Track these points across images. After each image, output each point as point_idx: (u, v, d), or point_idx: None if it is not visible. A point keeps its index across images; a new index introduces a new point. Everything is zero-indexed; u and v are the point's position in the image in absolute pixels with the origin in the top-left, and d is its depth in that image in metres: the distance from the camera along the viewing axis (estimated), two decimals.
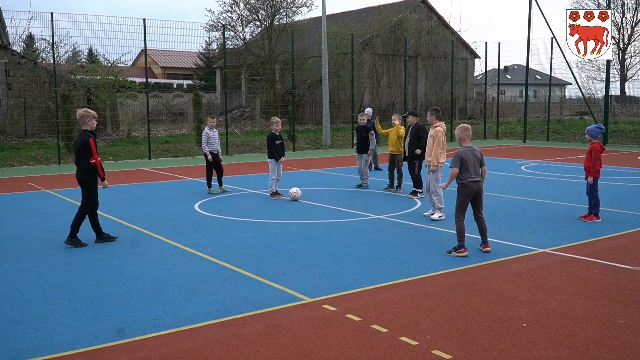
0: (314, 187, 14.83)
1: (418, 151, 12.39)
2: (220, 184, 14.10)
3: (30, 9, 56.10)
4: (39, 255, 8.45)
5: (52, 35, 22.78)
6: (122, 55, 30.22)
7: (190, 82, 53.55)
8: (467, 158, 8.23)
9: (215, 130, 14.20)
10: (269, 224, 10.41)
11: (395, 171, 13.96)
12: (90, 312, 6.09)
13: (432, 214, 10.76)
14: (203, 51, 51.67)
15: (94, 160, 8.79)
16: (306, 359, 4.95)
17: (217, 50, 46.61)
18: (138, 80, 34.38)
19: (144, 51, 24.24)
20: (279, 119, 13.82)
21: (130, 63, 41.05)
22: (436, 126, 10.93)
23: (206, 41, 47.09)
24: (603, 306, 6.17)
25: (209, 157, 13.83)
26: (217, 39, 43.59)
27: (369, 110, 17.94)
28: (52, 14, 21.40)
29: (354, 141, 16.22)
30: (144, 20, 22.56)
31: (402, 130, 13.70)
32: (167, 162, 21.70)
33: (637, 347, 5.16)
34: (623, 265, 7.65)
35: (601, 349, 5.10)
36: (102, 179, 9.03)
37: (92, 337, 5.42)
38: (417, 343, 5.24)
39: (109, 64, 30.45)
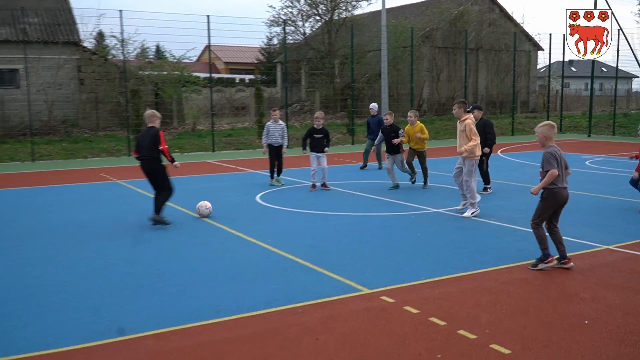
0: (372, 180, 14.79)
1: (487, 150, 12.14)
2: (277, 174, 14.22)
3: (99, 6, 57.77)
4: (106, 244, 8.74)
5: (122, 33, 23.47)
6: (188, 52, 31.07)
7: (252, 76, 54.17)
8: (559, 159, 7.02)
9: (278, 122, 14.25)
10: (328, 216, 10.46)
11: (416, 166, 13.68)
12: (155, 299, 6.27)
13: (464, 212, 10.36)
14: (264, 46, 52.12)
15: (161, 147, 9.58)
16: (364, 348, 4.97)
17: (278, 45, 46.93)
18: (202, 75, 34.97)
19: (208, 47, 24.69)
20: (321, 114, 13.87)
21: (195, 59, 41.90)
22: (465, 119, 10.32)
23: (267, 36, 47.66)
24: None
25: (264, 150, 14.01)
26: (278, 34, 43.92)
27: (374, 105, 17.06)
28: (120, 11, 22.00)
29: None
30: (208, 17, 22.93)
31: (421, 126, 13.22)
32: (230, 154, 22.05)
33: None
34: None
35: None
36: (173, 161, 9.92)
37: (158, 322, 5.57)
38: (475, 337, 5.18)
39: (175, 60, 31.15)
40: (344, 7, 38.94)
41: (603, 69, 60.89)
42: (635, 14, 68.73)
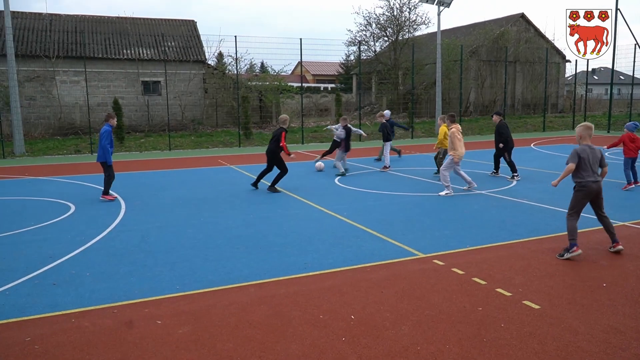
0: (428, 167, 14.48)
1: (501, 145, 12.19)
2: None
3: (220, 33, 59.10)
4: (225, 212, 9.00)
5: (236, 53, 23.96)
6: (284, 66, 31.22)
7: (333, 85, 54.01)
8: (585, 156, 6.16)
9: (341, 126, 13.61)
10: (392, 195, 10.34)
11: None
12: (260, 255, 6.41)
13: (441, 192, 10.32)
14: (343, 61, 51.82)
15: (281, 144, 10.77)
16: (419, 300, 4.89)
17: (354, 61, 46.54)
18: (295, 84, 35.26)
19: (300, 63, 24.78)
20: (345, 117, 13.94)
21: (289, 72, 42.27)
22: (451, 128, 10.62)
23: (346, 54, 47.23)
24: None
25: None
26: (354, 52, 43.52)
27: (387, 112, 15.52)
28: (235, 37, 22.43)
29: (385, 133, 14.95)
30: (300, 39, 23.03)
31: (445, 129, 12.05)
32: (316, 146, 22.14)
33: None
34: None
35: None
36: (289, 154, 11.19)
37: (262, 273, 5.71)
38: (510, 294, 4.99)
39: (275, 73, 31.51)
40: (407, 30, 38.08)
41: (621, 77, 56.84)
42: None
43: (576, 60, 29.85)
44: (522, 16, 41.58)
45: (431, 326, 4.33)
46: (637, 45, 26.93)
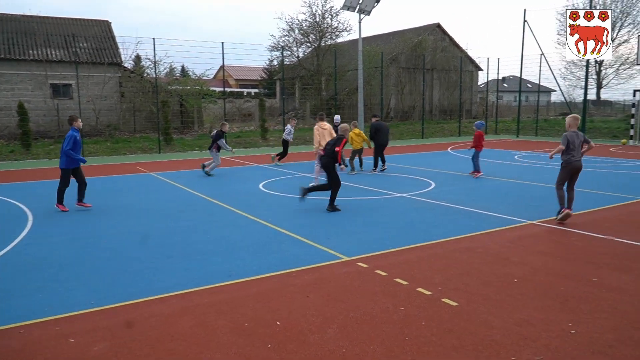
0: (353, 172, 14.77)
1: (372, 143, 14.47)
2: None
3: (137, 35, 57.06)
4: (145, 220, 8.67)
5: (154, 56, 23.22)
6: (206, 71, 30.71)
7: (256, 90, 53.78)
8: (572, 140, 8.04)
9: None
10: (316, 200, 10.43)
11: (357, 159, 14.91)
12: (183, 264, 6.23)
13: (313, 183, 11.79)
14: (266, 66, 51.78)
15: (337, 149, 9.32)
16: (344, 303, 4.97)
17: (277, 66, 46.63)
18: (217, 89, 34.76)
19: (222, 67, 24.44)
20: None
21: (211, 76, 41.57)
22: (325, 126, 12.18)
23: (269, 59, 47.22)
24: (579, 267, 6.00)
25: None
26: (277, 57, 43.59)
27: (337, 117, 16.69)
28: (154, 39, 21.73)
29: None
30: (222, 43, 22.75)
31: (357, 130, 14.61)
32: (239, 152, 21.92)
33: (607, 300, 5.01)
34: (596, 235, 7.42)
35: (577, 301, 4.97)
36: (341, 164, 9.46)
37: (184, 283, 5.55)
38: (430, 293, 5.20)
39: (196, 77, 30.87)
40: (329, 37, 38.75)
41: (528, 85, 60.99)
42: (554, 42, 68.95)
43: (487, 69, 31.75)
44: (438, 26, 43.67)
45: (356, 328, 4.41)
46: (542, 55, 29.22)
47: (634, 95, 23.79)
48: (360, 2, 26.28)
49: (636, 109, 23.25)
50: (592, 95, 46.92)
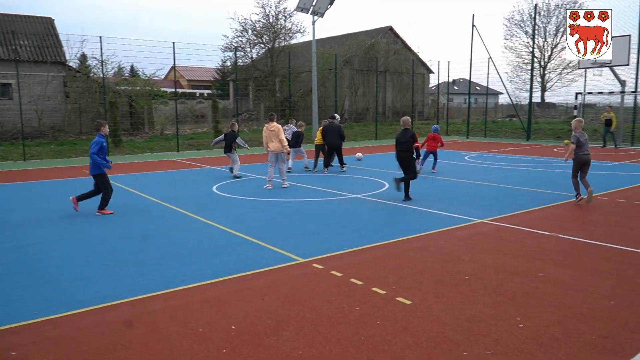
0: (306, 174, 14.82)
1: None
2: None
3: (83, 33, 55.07)
4: (96, 225, 8.41)
5: (101, 55, 22.56)
6: (157, 71, 30.07)
7: (209, 91, 53.05)
8: (582, 139, 9.79)
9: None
10: (272, 202, 10.42)
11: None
12: (136, 270, 6.08)
13: (283, 184, 12.19)
14: (219, 67, 51.13)
15: (416, 144, 10.27)
16: (300, 305, 4.99)
17: (230, 67, 46.16)
18: (169, 90, 34.08)
19: (174, 67, 23.99)
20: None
21: (162, 76, 40.74)
22: (273, 126, 12.06)
23: (222, 59, 46.61)
24: (527, 263, 6.25)
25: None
26: (230, 58, 43.15)
27: (337, 117, 16.77)
28: (100, 37, 21.09)
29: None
30: (174, 43, 22.31)
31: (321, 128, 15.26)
32: (192, 154, 21.58)
33: (553, 294, 5.23)
34: (542, 232, 7.74)
35: (525, 296, 5.18)
36: (418, 157, 10.50)
37: (137, 289, 5.42)
38: (385, 292, 5.28)
39: (146, 77, 30.14)
40: (283, 38, 38.71)
41: (477, 87, 62.94)
42: (502, 46, 71.53)
43: (438, 72, 32.57)
44: (391, 29, 44.40)
45: (312, 329, 4.44)
46: (490, 59, 30.21)
47: (576, 98, 24.96)
48: (313, 3, 26.42)
49: (578, 111, 24.40)
50: (537, 97, 48.98)
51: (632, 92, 23.98)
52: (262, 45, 39.32)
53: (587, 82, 28.37)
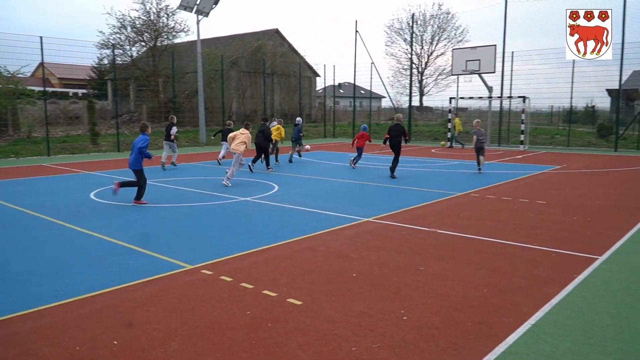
0: (195, 177, 14.42)
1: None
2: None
3: None
4: None
5: None
6: (22, 67, 27.41)
7: (84, 91, 49.55)
8: (479, 133, 14.89)
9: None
10: (156, 208, 9.98)
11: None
12: (1, 288, 5.50)
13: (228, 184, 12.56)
14: (96, 65, 47.90)
15: (407, 137, 14.31)
16: (188, 313, 4.83)
17: (108, 65, 43.52)
18: (37, 88, 31.26)
19: (42, 64, 22.09)
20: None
21: (29, 74, 37.23)
22: (244, 132, 13.34)
23: (98, 57, 43.72)
24: (410, 258, 6.61)
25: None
26: (108, 56, 40.70)
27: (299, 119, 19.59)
28: None
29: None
30: (41, 37, 20.51)
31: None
32: (66, 158, 19.99)
33: (432, 286, 5.59)
34: (423, 228, 8.24)
35: (408, 289, 5.47)
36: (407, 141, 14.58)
37: (1, 309, 4.89)
38: (276, 294, 5.30)
39: (9, 75, 27.37)
40: (165, 36, 37.31)
41: (362, 91, 65.55)
42: (383, 52, 75.15)
43: (324, 75, 33.44)
44: (277, 32, 44.73)
45: (201, 337, 4.32)
46: (373, 64, 31.67)
47: (450, 102, 26.99)
48: (197, 2, 25.82)
49: (455, 113, 26.38)
50: (416, 101, 52.21)
51: (498, 97, 26.45)
52: (143, 44, 37.67)
53: (459, 87, 30.78)
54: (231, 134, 13.50)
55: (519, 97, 24.83)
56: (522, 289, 5.48)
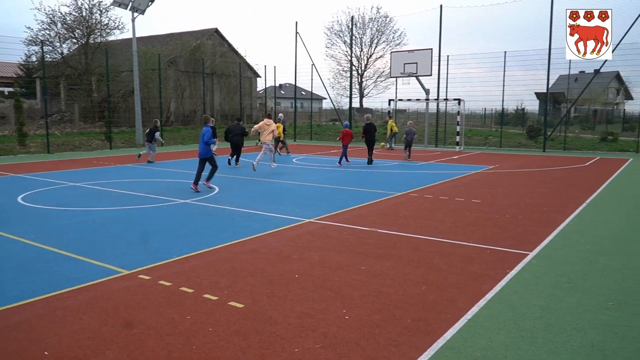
0: (132, 179, 13.95)
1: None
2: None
3: None
4: None
5: None
6: None
7: (11, 89, 46.81)
8: (409, 132, 18.54)
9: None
10: (90, 212, 9.57)
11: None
12: None
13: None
14: (23, 62, 45.35)
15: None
16: (124, 320, 4.66)
17: (36, 62, 41.32)
18: None
19: None
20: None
21: None
22: (268, 122, 15.44)
23: (26, 54, 41.44)
24: (350, 258, 6.69)
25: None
26: (36, 53, 38.66)
27: (281, 115, 21.95)
28: None
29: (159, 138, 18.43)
30: None
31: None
32: None
33: (373, 285, 5.68)
34: (363, 228, 8.36)
35: (349, 288, 5.54)
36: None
37: None
38: (217, 298, 5.21)
39: None
40: (99, 34, 35.85)
41: (302, 92, 65.77)
42: (324, 54, 75.59)
43: (265, 76, 33.29)
44: (217, 31, 44.06)
45: (139, 345, 4.18)
46: (313, 65, 31.85)
47: (389, 104, 27.57)
48: None
49: (390, 115, 26.95)
50: (356, 103, 52.94)
51: (435, 99, 27.27)
52: (75, 41, 36.05)
53: (398, 90, 31.51)
54: (256, 126, 15.83)
55: (455, 99, 25.73)
56: (458, 285, 5.67)
